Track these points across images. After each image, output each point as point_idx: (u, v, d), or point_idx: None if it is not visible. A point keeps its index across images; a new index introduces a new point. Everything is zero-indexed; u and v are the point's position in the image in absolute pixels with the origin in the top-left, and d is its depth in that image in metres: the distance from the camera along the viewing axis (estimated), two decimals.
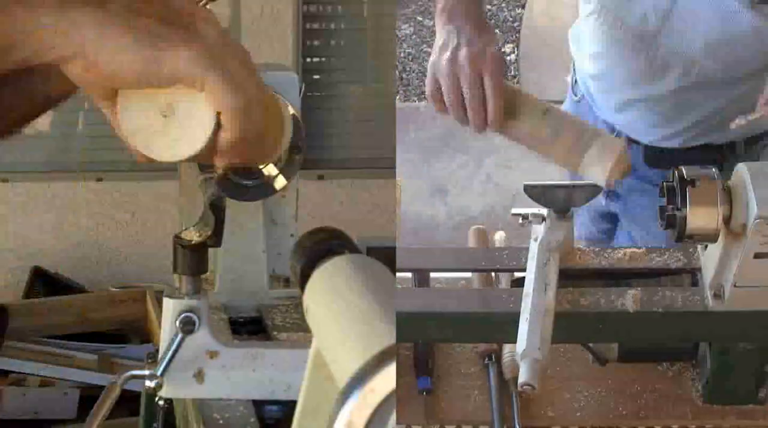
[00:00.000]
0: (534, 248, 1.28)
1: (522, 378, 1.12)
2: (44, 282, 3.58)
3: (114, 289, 3.45)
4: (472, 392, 1.41)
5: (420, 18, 5.17)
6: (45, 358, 3.11)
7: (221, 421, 1.15)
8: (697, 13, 1.52)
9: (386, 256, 0.90)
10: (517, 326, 1.25)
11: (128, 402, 2.50)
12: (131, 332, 3.36)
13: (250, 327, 1.39)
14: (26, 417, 2.98)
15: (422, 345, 1.43)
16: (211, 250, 1.16)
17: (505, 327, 1.19)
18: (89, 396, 3.03)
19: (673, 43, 1.56)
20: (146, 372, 1.06)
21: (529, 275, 1.24)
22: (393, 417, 0.60)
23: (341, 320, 0.67)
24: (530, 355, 1.13)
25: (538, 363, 1.12)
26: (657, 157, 1.74)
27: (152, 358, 1.19)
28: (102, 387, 3.35)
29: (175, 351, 1.04)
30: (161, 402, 1.22)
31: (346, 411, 0.58)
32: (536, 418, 1.37)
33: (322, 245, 0.76)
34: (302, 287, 0.74)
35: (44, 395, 3.03)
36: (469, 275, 1.48)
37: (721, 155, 1.72)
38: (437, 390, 1.41)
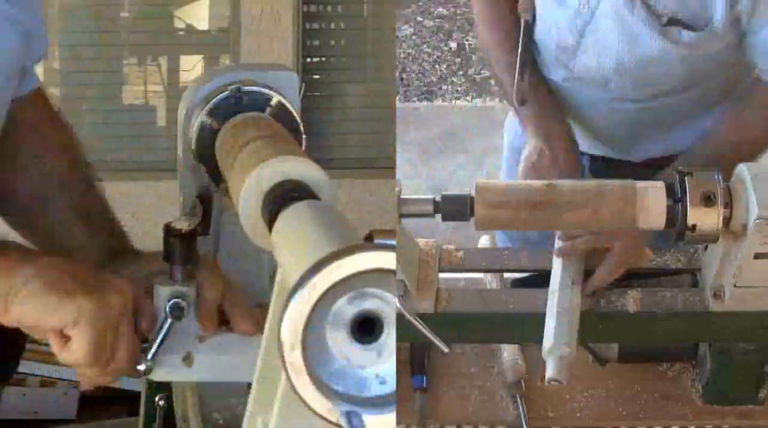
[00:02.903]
0: (560, 245, 1.28)
1: (549, 373, 1.14)
2: None
3: None
4: (473, 392, 1.41)
5: (420, 18, 5.17)
6: (45, 358, 3.11)
7: (221, 421, 1.15)
8: (608, 35, 1.58)
9: None
10: (517, 327, 1.25)
11: (128, 402, 2.51)
12: None
13: None
14: (26, 417, 2.98)
15: (418, 345, 1.43)
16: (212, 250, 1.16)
17: (505, 327, 1.19)
18: (89, 396, 3.03)
19: (589, 59, 1.62)
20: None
21: (555, 272, 1.24)
22: (334, 309, 0.68)
23: (298, 246, 0.76)
24: (557, 351, 1.14)
25: (565, 359, 1.13)
26: (601, 169, 1.77)
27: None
28: (102, 387, 3.32)
29: (165, 336, 1.05)
30: (161, 403, 1.22)
31: (290, 309, 0.66)
32: (536, 418, 1.37)
33: (288, 193, 0.86)
34: (270, 228, 0.84)
35: (44, 395, 3.03)
36: (471, 275, 1.48)
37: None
38: (438, 390, 1.41)
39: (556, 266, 1.26)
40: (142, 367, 1.04)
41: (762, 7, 1.46)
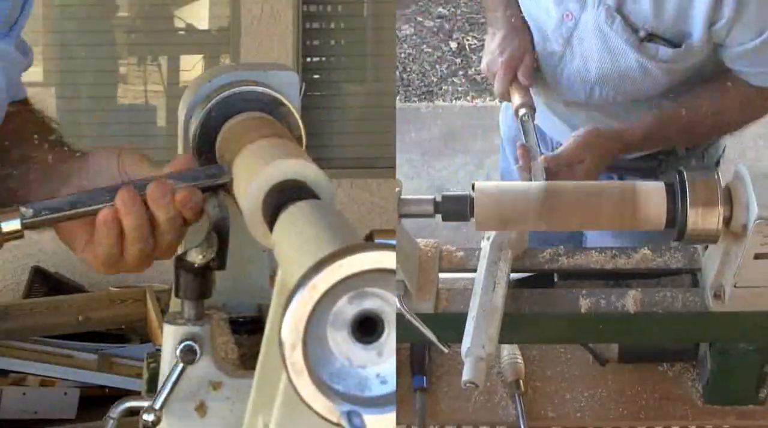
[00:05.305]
0: (486, 247, 1.28)
1: (466, 375, 1.13)
2: (44, 282, 3.58)
3: (114, 289, 3.45)
4: (473, 392, 1.41)
5: (420, 18, 5.17)
6: (45, 358, 3.11)
7: None
8: (592, 46, 1.66)
9: None
10: (517, 327, 1.25)
11: None
12: (131, 332, 3.36)
13: (250, 327, 1.39)
14: (26, 417, 2.98)
15: (418, 345, 1.43)
16: None
17: (504, 327, 1.19)
18: (89, 396, 3.03)
19: (575, 67, 1.70)
20: (143, 404, 0.99)
21: (479, 275, 1.24)
22: (334, 309, 0.68)
23: (299, 246, 0.76)
24: (474, 354, 1.13)
25: (482, 361, 1.13)
26: None
27: (152, 357, 1.17)
28: (102, 387, 3.34)
29: (175, 383, 0.98)
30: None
31: (291, 308, 0.66)
32: (536, 419, 1.37)
33: (288, 193, 0.85)
34: (271, 228, 0.83)
35: (44, 395, 3.03)
36: (471, 275, 1.48)
37: (660, 161, 1.80)
38: (438, 390, 1.41)
39: (481, 267, 1.26)
40: (149, 417, 0.97)
41: (736, 30, 1.55)
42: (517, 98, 1.66)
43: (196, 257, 0.96)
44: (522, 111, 1.65)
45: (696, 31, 1.56)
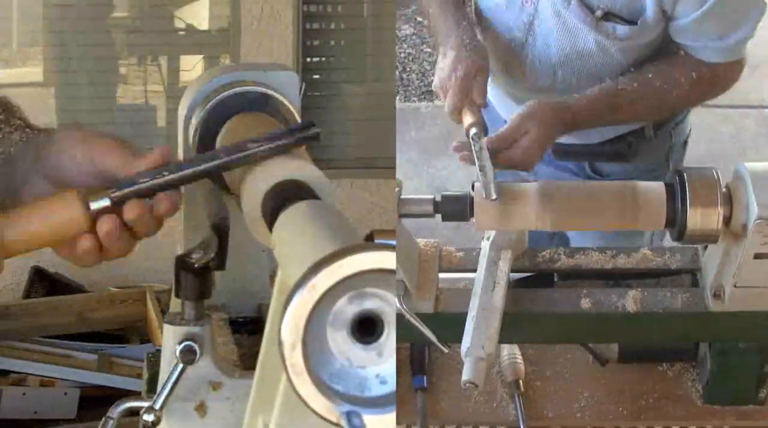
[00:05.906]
0: (485, 247, 1.28)
1: (465, 376, 1.13)
2: (44, 282, 3.58)
3: (114, 289, 3.45)
4: (473, 392, 1.41)
5: (420, 18, 5.17)
6: (45, 358, 3.11)
7: None
8: (551, 31, 1.68)
9: None
10: (517, 326, 1.25)
11: None
12: (131, 332, 3.36)
13: (250, 327, 1.39)
14: (26, 417, 2.98)
15: (418, 345, 1.43)
16: None
17: (504, 327, 1.19)
18: (89, 396, 3.03)
19: (537, 52, 1.72)
20: (143, 404, 1.00)
21: (479, 275, 1.24)
22: (334, 309, 0.68)
23: (299, 246, 0.76)
24: (474, 354, 1.14)
25: (482, 361, 1.13)
26: (565, 152, 1.78)
27: (153, 358, 1.17)
28: (102, 387, 3.33)
29: (175, 383, 0.98)
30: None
31: (290, 308, 0.66)
32: (536, 418, 1.37)
33: (288, 193, 0.86)
34: (271, 228, 0.84)
35: (44, 395, 3.03)
36: (471, 275, 1.48)
37: (629, 143, 1.80)
38: (438, 390, 1.41)
39: (480, 267, 1.26)
40: (149, 417, 0.97)
41: (681, 2, 1.57)
42: (468, 118, 1.65)
43: (196, 258, 0.96)
44: (473, 130, 1.64)
45: (649, 6, 1.59)
